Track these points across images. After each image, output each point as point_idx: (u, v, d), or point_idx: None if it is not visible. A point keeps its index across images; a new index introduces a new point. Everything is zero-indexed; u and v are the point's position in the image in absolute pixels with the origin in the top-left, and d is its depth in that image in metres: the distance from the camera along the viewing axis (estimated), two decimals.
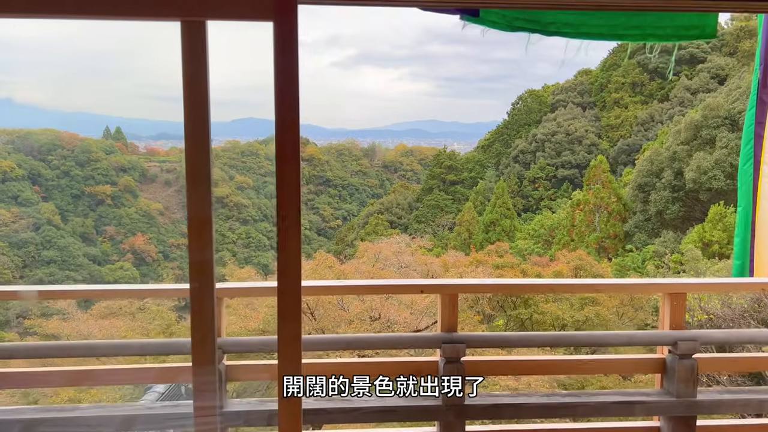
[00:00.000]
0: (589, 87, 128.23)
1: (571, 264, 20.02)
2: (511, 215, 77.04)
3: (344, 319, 12.87)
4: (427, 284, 3.84)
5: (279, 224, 2.29)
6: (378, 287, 4.06)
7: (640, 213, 44.82)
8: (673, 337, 3.85)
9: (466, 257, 20.94)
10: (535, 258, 25.37)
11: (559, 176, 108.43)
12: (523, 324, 17.29)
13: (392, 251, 18.43)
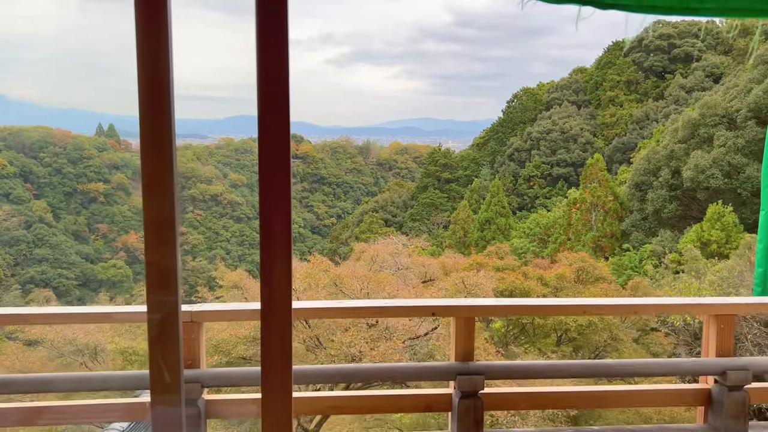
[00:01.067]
0: (584, 85, 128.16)
1: (574, 266, 19.56)
2: (506, 213, 76.72)
3: (340, 327, 12.32)
4: (439, 305, 3.25)
5: (263, 243, 1.77)
6: (383, 309, 3.43)
7: (637, 212, 44.49)
8: (722, 366, 3.35)
9: (465, 259, 20.40)
10: (536, 260, 24.85)
11: (555, 174, 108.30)
12: (524, 329, 16.82)
13: (389, 252, 17.91)
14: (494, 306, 3.49)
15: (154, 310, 1.75)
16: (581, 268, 19.58)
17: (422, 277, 17.85)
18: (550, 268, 19.83)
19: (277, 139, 1.62)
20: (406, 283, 15.72)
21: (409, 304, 3.43)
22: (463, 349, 3.17)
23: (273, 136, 1.62)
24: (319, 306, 4.04)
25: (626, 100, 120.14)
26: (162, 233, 1.76)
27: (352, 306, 3.60)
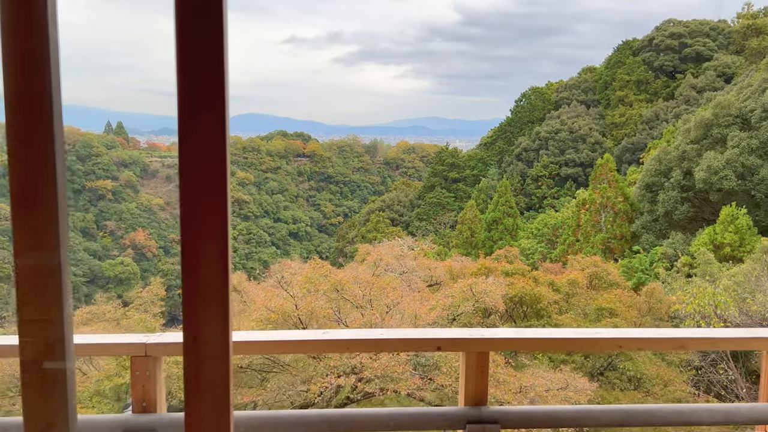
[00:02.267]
0: (594, 85, 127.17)
1: (586, 271, 18.93)
2: (514, 214, 76.05)
3: None
4: (446, 338, 2.69)
5: (184, 278, 1.39)
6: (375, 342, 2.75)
7: (648, 213, 43.77)
8: None
9: (473, 263, 19.80)
10: (547, 264, 24.19)
11: (563, 174, 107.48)
12: None
13: (394, 255, 17.40)
14: (513, 339, 2.88)
15: (28, 335, 1.26)
16: (594, 273, 18.95)
17: (428, 280, 17.34)
18: (562, 273, 19.18)
19: (204, 140, 1.22)
20: (410, 287, 15.22)
21: (408, 336, 2.82)
22: (475, 391, 2.61)
23: (199, 136, 1.23)
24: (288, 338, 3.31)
25: (636, 100, 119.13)
26: (36, 222, 1.30)
27: (331, 339, 2.90)
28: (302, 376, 11.06)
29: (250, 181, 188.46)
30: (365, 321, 11.42)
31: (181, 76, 1.20)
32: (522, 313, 16.19)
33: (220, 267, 1.36)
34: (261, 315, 11.61)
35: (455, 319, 12.29)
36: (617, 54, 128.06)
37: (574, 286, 17.41)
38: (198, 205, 1.31)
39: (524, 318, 16.05)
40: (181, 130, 1.22)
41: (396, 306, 11.97)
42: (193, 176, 1.27)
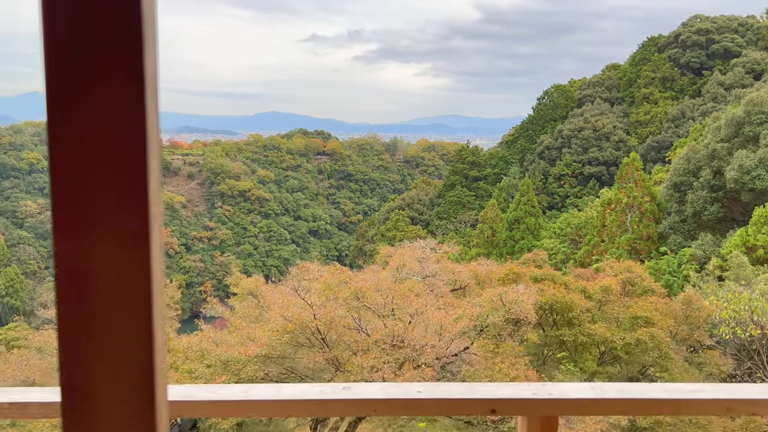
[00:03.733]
0: (618, 82, 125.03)
1: (620, 276, 18.12)
2: (536, 213, 75.03)
3: (361, 347, 11.33)
4: (503, 398, 1.99)
5: (59, 312, 0.87)
6: (410, 403, 2.00)
7: (676, 213, 42.63)
8: None
9: (499, 267, 19.07)
10: (578, 269, 23.33)
11: (586, 173, 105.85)
12: (564, 343, 15.61)
13: (416, 257, 16.85)
14: (591, 401, 2.11)
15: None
16: (628, 279, 18.13)
17: (452, 285, 16.76)
18: (594, 279, 18.38)
19: (99, 121, 0.76)
20: (434, 293, 14.68)
21: (453, 395, 2.08)
22: None
23: (86, 116, 0.76)
24: (273, 396, 2.21)
25: (661, 98, 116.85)
26: None
27: (355, 398, 2.04)
28: None
29: (271, 179, 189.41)
30: (387, 331, 10.93)
31: (49, 18, 0.79)
32: (552, 321, 15.54)
33: (141, 307, 0.93)
34: (277, 324, 11.18)
35: (483, 330, 11.72)
36: (642, 51, 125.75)
37: (607, 293, 16.63)
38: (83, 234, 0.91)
39: (554, 325, 15.41)
40: (51, 105, 0.82)
41: (420, 315, 11.45)
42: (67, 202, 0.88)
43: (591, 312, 15.79)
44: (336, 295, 11.93)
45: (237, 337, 11.90)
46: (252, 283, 15.17)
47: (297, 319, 11.02)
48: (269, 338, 11.00)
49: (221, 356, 10.86)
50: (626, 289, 17.76)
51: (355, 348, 11.32)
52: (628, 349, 14.93)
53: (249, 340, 11.34)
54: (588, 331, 14.83)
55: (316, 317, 10.92)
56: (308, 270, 14.87)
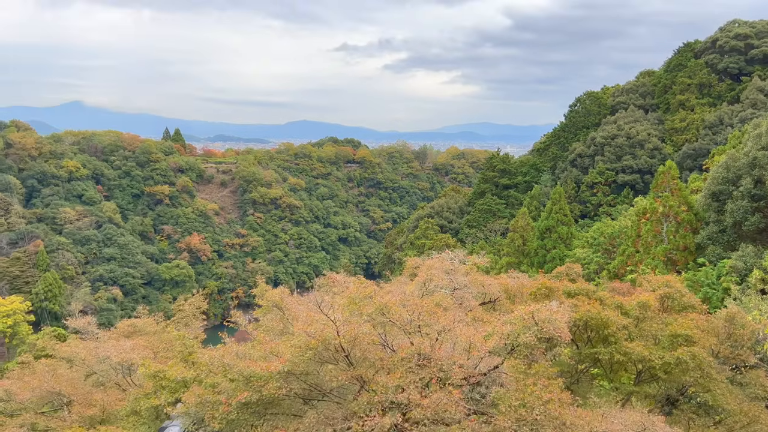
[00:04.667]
0: (652, 89, 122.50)
1: (658, 291, 17.30)
2: (568, 222, 73.70)
3: (386, 365, 11.02)
4: None
5: None
6: None
7: (714, 224, 41.30)
8: None
9: (530, 281, 18.48)
10: (614, 283, 22.49)
11: (620, 181, 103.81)
12: (598, 360, 15.01)
13: (444, 269, 16.48)
14: None
15: None
16: (666, 294, 17.32)
17: (481, 298, 16.33)
18: (630, 294, 17.62)
19: None
20: (462, 306, 14.29)
21: None
22: None
23: None
24: None
25: (698, 104, 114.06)
26: None
27: None
28: (343, 412, 10.32)
29: (301, 187, 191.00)
30: (414, 349, 10.60)
31: None
32: (586, 338, 14.92)
33: None
34: (300, 341, 10.94)
35: (514, 349, 11.27)
36: (677, 56, 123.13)
37: (644, 310, 15.82)
38: None
39: (588, 342, 14.77)
40: None
41: (447, 332, 11.08)
42: None
43: (628, 329, 15.01)
44: (360, 311, 11.63)
45: (260, 352, 11.76)
46: (277, 294, 15.04)
47: (320, 335, 10.78)
48: (292, 354, 10.80)
49: (244, 371, 10.72)
50: (665, 304, 16.92)
51: (379, 366, 11.02)
52: (667, 368, 14.17)
53: (272, 355, 11.20)
54: (624, 350, 14.12)
55: (340, 334, 10.67)
56: (335, 281, 14.67)
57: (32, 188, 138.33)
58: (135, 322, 19.88)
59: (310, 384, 11.24)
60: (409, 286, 15.18)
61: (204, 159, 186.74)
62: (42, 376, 15.49)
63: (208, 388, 11.21)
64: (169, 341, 16.56)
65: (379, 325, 11.50)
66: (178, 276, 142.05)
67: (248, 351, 12.11)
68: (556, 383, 10.55)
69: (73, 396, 14.71)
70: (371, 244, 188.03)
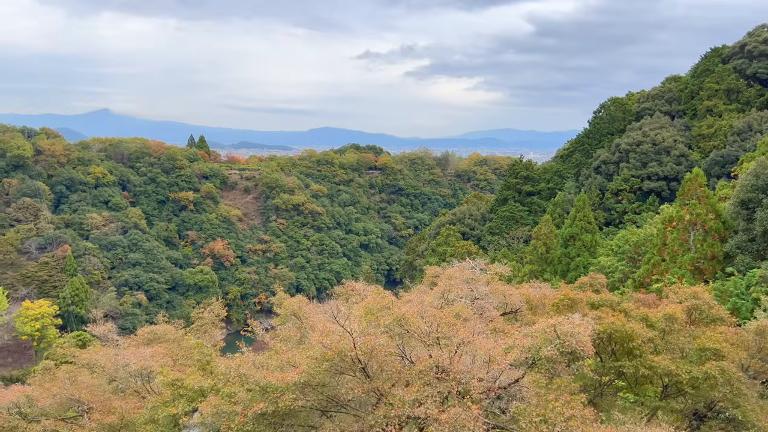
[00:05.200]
0: (679, 94, 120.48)
1: (685, 303, 16.71)
2: (592, 229, 72.62)
3: (404, 377, 10.83)
4: None
5: None
6: None
7: (743, 232, 40.34)
8: None
9: (553, 291, 18.08)
10: (640, 294, 21.88)
11: (645, 188, 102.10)
12: (623, 373, 14.60)
13: (464, 278, 16.22)
14: None
15: None
16: (694, 306, 16.73)
17: (502, 308, 16.03)
18: (656, 306, 17.08)
19: None
20: (483, 316, 14.05)
21: None
22: None
23: None
24: None
25: (726, 110, 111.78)
26: None
27: None
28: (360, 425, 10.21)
29: (324, 193, 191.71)
30: (432, 361, 10.40)
31: None
32: (611, 351, 14.50)
33: None
34: (316, 352, 10.82)
35: (535, 363, 10.99)
36: (705, 62, 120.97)
37: (671, 322, 15.28)
38: None
39: (612, 355, 14.36)
40: None
41: (467, 344, 10.86)
42: None
43: (653, 342, 14.54)
44: (378, 321, 11.45)
45: (277, 362, 11.69)
46: (295, 303, 14.95)
47: (336, 347, 10.65)
48: (308, 365, 10.67)
49: (260, 382, 10.64)
50: (692, 317, 16.35)
51: (397, 378, 10.83)
52: (694, 383, 13.67)
53: (289, 365, 11.10)
54: (650, 363, 13.67)
55: (356, 346, 10.52)
56: (353, 289, 14.57)
57: (60, 194, 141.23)
58: (155, 329, 20.01)
59: (326, 395, 11.13)
60: (428, 295, 14.94)
61: (228, 166, 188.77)
62: (62, 382, 15.68)
63: (224, 398, 11.16)
64: (189, 349, 16.59)
65: (397, 336, 11.33)
66: (202, 281, 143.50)
67: (265, 361, 12.06)
68: (578, 399, 10.25)
69: (92, 403, 14.85)
70: (392, 251, 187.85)
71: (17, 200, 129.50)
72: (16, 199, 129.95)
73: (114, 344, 18.36)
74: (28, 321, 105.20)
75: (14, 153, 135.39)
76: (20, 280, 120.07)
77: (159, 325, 20.50)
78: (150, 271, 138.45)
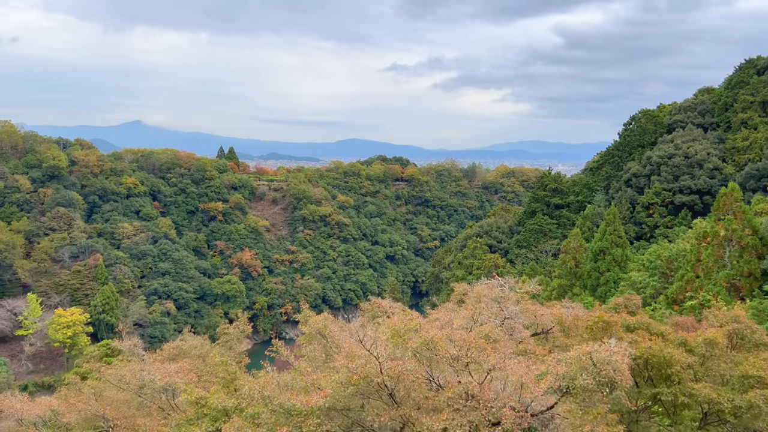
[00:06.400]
0: (712, 106, 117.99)
1: (726, 327, 15.94)
2: (623, 243, 71.15)
3: (432, 404, 10.51)
4: None
5: None
6: None
7: None
8: None
9: (585, 312, 17.48)
10: (676, 317, 21.06)
11: (677, 202, 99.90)
12: (659, 399, 14.00)
13: (493, 296, 15.83)
14: None
15: None
16: (735, 330, 15.95)
17: (533, 328, 15.60)
18: (695, 330, 16.35)
19: None
20: (513, 337, 13.68)
21: None
22: None
23: None
24: None
25: (761, 122, 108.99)
26: None
27: None
28: None
29: (350, 205, 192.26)
30: (461, 388, 10.07)
31: None
32: (647, 377, 13.89)
33: None
34: (342, 376, 10.59)
35: (569, 391, 10.55)
36: (739, 73, 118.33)
37: (711, 347, 14.56)
38: None
39: (649, 381, 13.76)
40: None
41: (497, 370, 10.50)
42: None
43: (693, 368, 13.85)
44: (405, 345, 11.16)
45: (302, 383, 11.50)
46: (320, 321, 14.72)
47: (362, 371, 10.39)
48: (333, 389, 10.44)
49: (284, 404, 10.45)
50: (733, 341, 15.62)
51: (424, 404, 10.52)
52: (737, 412, 13.00)
53: (314, 387, 10.90)
54: (690, 391, 12.98)
55: (383, 371, 10.26)
56: (379, 306, 14.35)
57: (93, 204, 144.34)
58: (180, 345, 20.05)
59: (352, 419, 10.91)
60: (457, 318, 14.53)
61: (256, 177, 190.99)
62: (87, 398, 15.79)
63: (248, 418, 11.03)
64: (214, 365, 16.53)
65: (425, 359, 11.05)
66: (230, 291, 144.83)
67: (290, 381, 11.89)
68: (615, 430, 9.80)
69: (117, 419, 14.90)
70: (418, 263, 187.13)
71: (52, 209, 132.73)
72: (50, 208, 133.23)
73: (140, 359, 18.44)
74: (60, 328, 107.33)
75: (50, 164, 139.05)
76: (53, 288, 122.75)
77: (185, 341, 20.55)
78: (179, 281, 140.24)
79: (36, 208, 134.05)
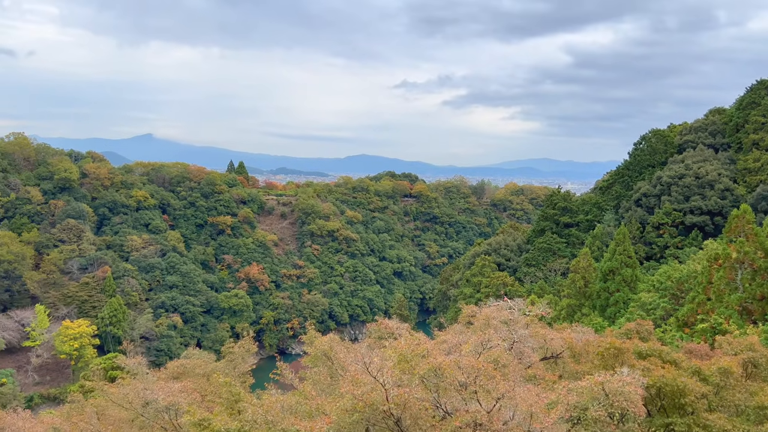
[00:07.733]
0: (723, 127, 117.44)
1: (740, 356, 15.59)
2: (632, 264, 70.50)
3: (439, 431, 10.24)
4: None
5: None
6: None
7: None
8: None
9: (596, 337, 17.15)
10: (689, 344, 20.71)
11: (688, 223, 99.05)
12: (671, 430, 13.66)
13: (502, 319, 15.58)
14: None
15: None
16: (750, 359, 15.59)
17: (542, 352, 15.32)
18: (709, 358, 15.96)
19: None
20: (522, 362, 13.42)
21: None
22: None
23: None
24: None
25: None
26: None
27: None
28: None
29: (358, 220, 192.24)
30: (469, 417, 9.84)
31: None
32: (660, 406, 13.53)
33: None
34: (346, 403, 10.37)
35: (580, 421, 10.28)
36: (750, 94, 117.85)
37: (726, 376, 14.20)
38: None
39: (662, 411, 13.41)
40: None
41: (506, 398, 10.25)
42: None
43: (707, 398, 13.47)
44: (412, 371, 10.92)
45: (306, 407, 11.27)
46: (326, 343, 14.50)
47: (367, 399, 10.16)
48: (338, 416, 10.21)
49: (288, 429, 10.25)
50: (748, 370, 15.22)
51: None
52: None
53: (318, 412, 10.68)
54: (704, 422, 12.55)
55: (389, 399, 10.01)
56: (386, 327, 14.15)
57: (103, 216, 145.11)
58: (185, 363, 19.89)
59: None
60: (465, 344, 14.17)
61: (265, 191, 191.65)
62: (89, 417, 15.65)
63: None
64: (217, 385, 16.33)
65: (433, 386, 10.81)
66: (237, 305, 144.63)
67: (294, 405, 11.68)
68: None
69: None
70: (426, 279, 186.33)
71: (62, 221, 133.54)
72: (61, 220, 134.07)
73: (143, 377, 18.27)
74: (67, 340, 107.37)
75: (61, 176, 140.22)
76: (61, 299, 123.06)
77: (189, 359, 20.39)
78: (186, 294, 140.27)
79: (46, 220, 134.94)
